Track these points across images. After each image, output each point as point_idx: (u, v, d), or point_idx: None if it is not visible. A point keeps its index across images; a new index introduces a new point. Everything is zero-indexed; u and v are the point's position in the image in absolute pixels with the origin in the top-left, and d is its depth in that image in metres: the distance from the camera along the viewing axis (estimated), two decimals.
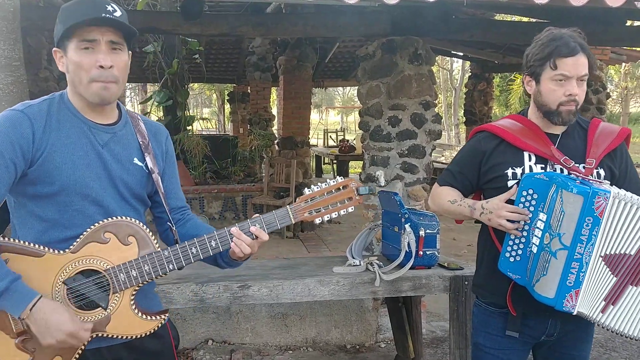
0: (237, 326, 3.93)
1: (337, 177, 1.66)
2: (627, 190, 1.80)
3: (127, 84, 18.28)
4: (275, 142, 9.64)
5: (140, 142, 1.62)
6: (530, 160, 1.86)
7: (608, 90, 9.04)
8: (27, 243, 1.48)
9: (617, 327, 1.72)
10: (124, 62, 1.52)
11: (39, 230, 1.51)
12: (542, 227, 1.72)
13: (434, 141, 4.63)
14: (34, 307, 1.39)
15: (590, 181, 1.74)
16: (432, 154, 4.76)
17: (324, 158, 15.41)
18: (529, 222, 1.77)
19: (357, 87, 4.86)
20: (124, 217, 1.54)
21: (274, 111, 11.54)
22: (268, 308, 3.95)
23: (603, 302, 1.70)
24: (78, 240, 1.49)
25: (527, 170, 1.85)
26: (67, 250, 1.49)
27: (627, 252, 1.67)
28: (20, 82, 3.11)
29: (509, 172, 1.87)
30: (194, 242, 1.56)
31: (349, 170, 14.22)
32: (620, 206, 1.64)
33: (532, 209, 1.76)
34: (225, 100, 16.96)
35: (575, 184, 1.66)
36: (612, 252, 1.66)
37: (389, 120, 4.40)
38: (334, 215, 1.63)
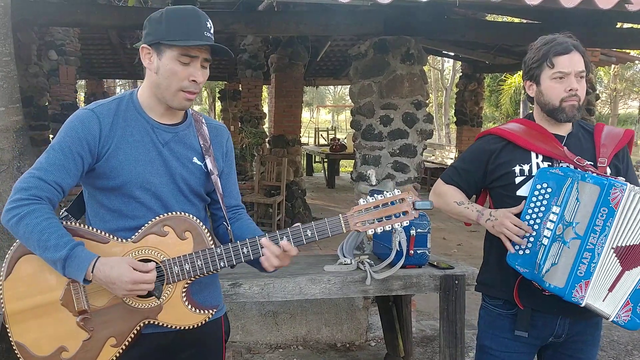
0: None
1: (395, 190, 1.64)
2: None
3: (118, 80, 18.25)
4: (267, 140, 9.61)
5: (202, 145, 1.70)
6: (537, 158, 1.89)
7: (597, 92, 9.09)
8: (95, 230, 1.60)
9: (603, 309, 1.72)
10: (207, 77, 1.64)
11: (107, 220, 1.62)
12: (554, 220, 1.74)
13: (425, 141, 4.65)
14: (94, 267, 1.48)
15: (605, 176, 1.76)
16: (423, 154, 4.78)
17: (315, 157, 15.43)
18: (539, 220, 1.78)
19: (348, 86, 4.86)
20: (183, 213, 1.62)
21: (265, 109, 11.52)
22: (259, 306, 3.95)
23: (607, 292, 1.71)
24: (140, 231, 1.59)
25: (534, 167, 1.88)
26: (129, 239, 1.59)
27: (635, 243, 1.69)
28: (10, 77, 3.10)
29: (517, 168, 1.89)
30: (246, 243, 1.60)
31: (340, 169, 14.23)
32: (636, 199, 1.66)
33: (545, 202, 1.78)
34: (216, 98, 16.91)
35: (592, 176, 1.70)
36: (623, 245, 1.68)
37: (380, 120, 4.41)
38: (387, 227, 1.61)
